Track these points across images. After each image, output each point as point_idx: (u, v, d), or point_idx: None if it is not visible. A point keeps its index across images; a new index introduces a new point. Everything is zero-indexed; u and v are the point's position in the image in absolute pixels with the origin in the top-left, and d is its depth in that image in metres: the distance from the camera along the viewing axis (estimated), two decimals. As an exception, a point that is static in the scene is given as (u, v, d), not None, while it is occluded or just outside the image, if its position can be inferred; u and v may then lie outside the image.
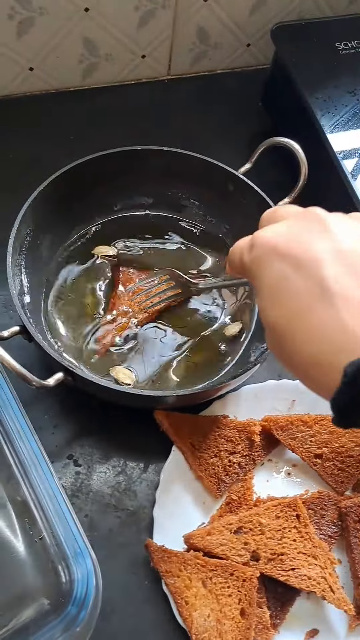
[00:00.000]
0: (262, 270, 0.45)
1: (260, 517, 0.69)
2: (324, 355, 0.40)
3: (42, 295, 0.80)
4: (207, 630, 0.63)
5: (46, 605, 0.63)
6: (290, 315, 0.43)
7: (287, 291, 0.43)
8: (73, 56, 0.97)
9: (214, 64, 1.07)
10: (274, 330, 0.45)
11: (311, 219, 0.45)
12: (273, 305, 0.44)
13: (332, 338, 0.40)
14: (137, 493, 0.74)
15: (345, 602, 0.66)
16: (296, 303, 0.42)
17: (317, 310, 0.41)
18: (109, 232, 0.87)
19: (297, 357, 0.43)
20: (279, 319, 0.44)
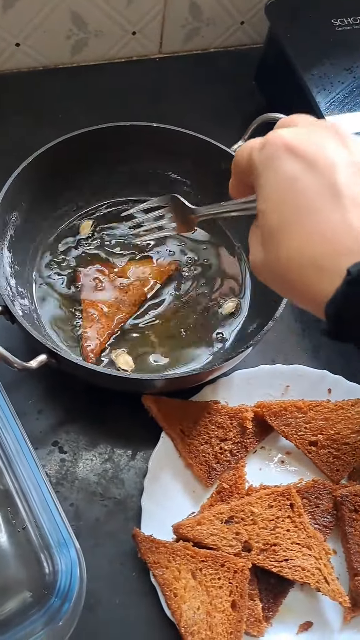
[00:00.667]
0: (271, 167, 0.44)
1: (252, 507, 0.67)
2: (326, 257, 0.40)
3: (28, 276, 0.77)
4: (197, 623, 0.61)
5: (28, 597, 0.61)
6: (295, 215, 0.42)
7: (296, 190, 0.42)
8: (61, 32, 0.94)
9: (206, 42, 1.03)
10: (273, 231, 0.43)
11: (332, 130, 0.44)
12: (278, 204, 0.43)
13: (337, 239, 0.39)
14: (124, 481, 0.71)
15: (340, 594, 0.64)
16: (304, 202, 0.41)
17: (325, 211, 0.40)
18: (97, 211, 0.84)
19: (295, 260, 0.42)
20: (282, 218, 0.43)
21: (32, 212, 0.76)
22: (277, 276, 0.45)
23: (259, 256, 0.47)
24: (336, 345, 0.81)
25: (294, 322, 0.83)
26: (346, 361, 0.80)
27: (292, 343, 0.81)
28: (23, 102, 0.96)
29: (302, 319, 0.83)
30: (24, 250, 0.77)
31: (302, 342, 0.81)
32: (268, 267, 0.45)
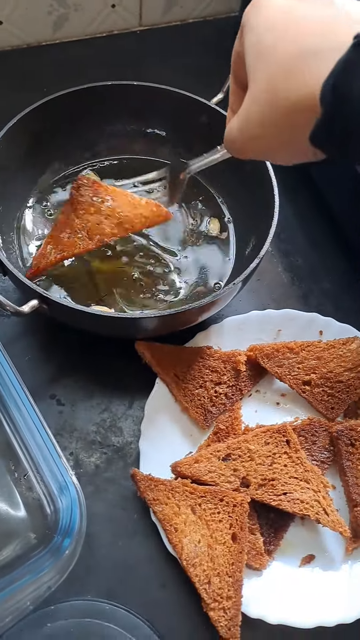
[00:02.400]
0: (261, 5, 0.43)
1: (249, 444, 0.67)
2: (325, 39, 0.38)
3: (15, 228, 0.79)
4: (198, 556, 0.62)
5: (33, 539, 0.62)
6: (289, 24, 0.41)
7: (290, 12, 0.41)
8: (42, 7, 0.96)
9: (185, 12, 1.05)
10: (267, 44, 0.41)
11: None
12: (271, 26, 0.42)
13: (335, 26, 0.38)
14: (122, 429, 0.72)
15: (340, 524, 0.65)
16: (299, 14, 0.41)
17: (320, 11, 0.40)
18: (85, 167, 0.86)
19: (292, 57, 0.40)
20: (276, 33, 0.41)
21: (19, 170, 0.78)
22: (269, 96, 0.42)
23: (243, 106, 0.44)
24: (325, 291, 0.82)
25: (284, 271, 0.84)
26: (336, 305, 0.81)
27: (282, 291, 0.82)
28: (8, 78, 0.97)
29: (291, 268, 0.84)
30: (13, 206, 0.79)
31: (292, 290, 0.82)
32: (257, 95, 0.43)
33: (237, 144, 0.47)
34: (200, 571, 0.61)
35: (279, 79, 0.41)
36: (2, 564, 0.60)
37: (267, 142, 0.45)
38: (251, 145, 0.46)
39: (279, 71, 0.40)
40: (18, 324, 0.76)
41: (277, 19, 0.42)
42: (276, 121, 0.42)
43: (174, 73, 0.95)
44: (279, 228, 0.70)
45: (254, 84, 0.43)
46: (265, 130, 0.44)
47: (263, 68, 0.42)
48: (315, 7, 0.41)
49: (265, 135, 0.44)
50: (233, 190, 0.82)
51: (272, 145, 0.45)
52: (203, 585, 0.60)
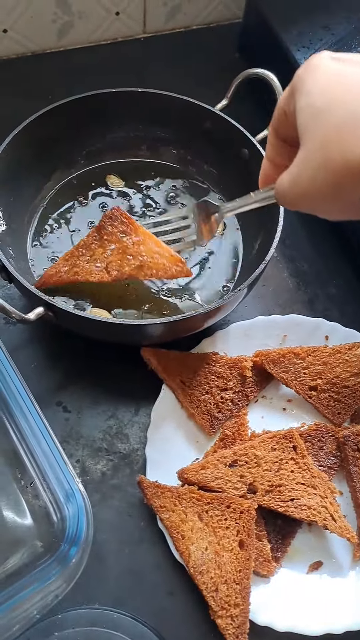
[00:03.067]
0: (316, 69, 0.45)
1: (255, 450, 0.67)
2: None
3: (26, 236, 0.79)
4: (206, 563, 0.61)
5: (39, 547, 0.61)
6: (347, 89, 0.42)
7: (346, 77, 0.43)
8: (46, 15, 0.96)
9: (189, 19, 1.05)
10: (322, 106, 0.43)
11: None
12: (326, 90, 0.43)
13: None
14: (129, 436, 0.72)
15: (348, 530, 0.64)
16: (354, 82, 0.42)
17: None
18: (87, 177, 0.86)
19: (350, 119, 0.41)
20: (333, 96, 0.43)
21: (26, 177, 0.78)
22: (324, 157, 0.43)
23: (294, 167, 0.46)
24: (331, 296, 0.82)
25: (290, 277, 0.84)
26: (341, 310, 0.80)
27: (288, 297, 0.82)
28: (14, 86, 0.97)
29: (296, 273, 0.84)
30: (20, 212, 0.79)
31: (298, 295, 0.82)
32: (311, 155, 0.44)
33: (288, 199, 0.48)
34: (207, 578, 0.61)
35: (332, 141, 0.42)
36: (8, 573, 0.60)
37: (319, 199, 0.46)
38: (303, 201, 0.47)
39: (333, 133, 0.42)
40: (24, 331, 0.77)
41: (330, 82, 0.43)
42: (329, 181, 0.43)
43: (178, 80, 0.95)
44: (284, 234, 0.70)
45: (307, 144, 0.44)
46: (317, 188, 0.45)
47: (316, 130, 0.43)
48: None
49: (318, 193, 0.45)
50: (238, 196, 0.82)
51: (324, 203, 0.46)
52: (210, 592, 0.60)
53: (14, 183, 0.75)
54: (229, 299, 0.66)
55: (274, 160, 0.54)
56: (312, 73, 0.45)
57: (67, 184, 0.84)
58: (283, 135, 0.52)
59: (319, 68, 0.45)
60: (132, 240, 0.70)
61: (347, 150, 0.41)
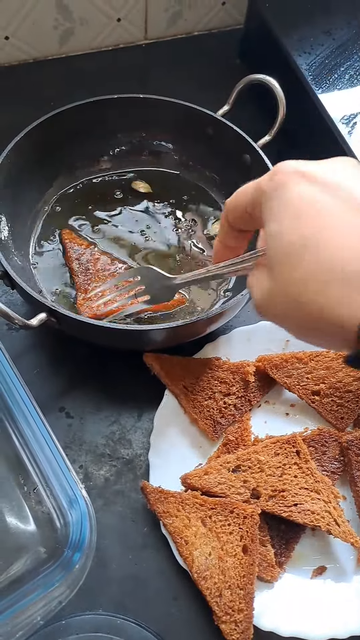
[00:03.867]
0: (285, 190, 0.42)
1: (258, 455, 0.67)
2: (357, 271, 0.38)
3: (29, 242, 0.79)
4: (209, 569, 0.61)
5: (43, 553, 0.61)
6: (319, 230, 0.40)
7: (317, 209, 0.40)
8: (48, 22, 0.96)
9: (190, 25, 1.06)
10: (290, 251, 0.41)
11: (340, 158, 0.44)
12: (297, 222, 0.41)
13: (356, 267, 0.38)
14: (132, 442, 0.72)
15: (352, 535, 0.64)
16: (327, 220, 0.40)
17: (350, 223, 0.39)
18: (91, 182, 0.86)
19: (315, 279, 0.39)
20: (302, 235, 0.40)
21: (28, 183, 0.79)
22: (290, 302, 0.42)
23: (265, 287, 0.44)
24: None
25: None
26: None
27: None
28: (16, 93, 0.98)
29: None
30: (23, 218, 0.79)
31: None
32: (278, 294, 0.43)
33: (257, 311, 0.47)
34: (211, 584, 0.61)
35: (312, 290, 0.40)
36: (12, 579, 0.60)
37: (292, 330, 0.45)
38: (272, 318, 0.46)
39: (314, 282, 0.40)
40: (27, 337, 0.77)
41: (308, 214, 0.41)
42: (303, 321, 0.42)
43: (179, 85, 0.96)
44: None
45: (280, 276, 0.42)
46: (291, 322, 0.44)
47: (295, 269, 0.41)
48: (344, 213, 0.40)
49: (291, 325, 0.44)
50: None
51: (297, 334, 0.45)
52: (214, 598, 0.60)
53: (16, 189, 0.76)
54: (232, 304, 0.66)
55: (226, 244, 0.54)
56: (280, 195, 0.43)
57: (69, 190, 0.84)
58: (240, 228, 0.51)
59: (287, 189, 0.42)
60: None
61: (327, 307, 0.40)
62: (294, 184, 0.42)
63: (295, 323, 0.43)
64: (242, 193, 0.48)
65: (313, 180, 0.42)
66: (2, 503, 0.64)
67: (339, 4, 0.88)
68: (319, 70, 0.82)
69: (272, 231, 0.43)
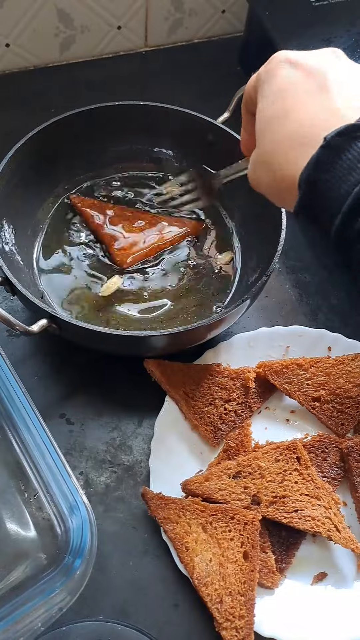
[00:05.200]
0: (273, 74, 0.50)
1: (259, 461, 0.67)
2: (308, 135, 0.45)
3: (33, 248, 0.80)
4: (210, 575, 0.61)
5: (43, 559, 0.62)
6: (287, 108, 0.48)
7: (293, 90, 0.48)
8: (49, 29, 0.97)
9: (190, 32, 1.06)
10: (267, 122, 0.49)
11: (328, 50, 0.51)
12: (274, 101, 0.49)
13: (321, 119, 0.45)
14: (132, 448, 0.72)
15: (352, 541, 0.64)
16: (297, 99, 0.47)
17: (316, 99, 0.47)
18: (92, 188, 0.86)
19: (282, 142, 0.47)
20: (276, 110, 0.48)
21: (29, 189, 0.79)
22: (267, 164, 0.49)
23: (253, 158, 0.52)
24: (333, 307, 0.82)
25: (292, 288, 0.84)
26: (344, 321, 0.81)
27: (290, 308, 0.82)
28: (16, 100, 0.98)
29: (298, 285, 0.84)
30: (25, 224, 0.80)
31: (300, 306, 0.82)
32: (260, 159, 0.50)
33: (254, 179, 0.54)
34: (212, 590, 0.61)
35: (277, 152, 0.48)
36: (12, 585, 0.60)
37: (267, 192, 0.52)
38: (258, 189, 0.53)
39: (279, 145, 0.48)
40: (27, 343, 0.77)
41: (281, 92, 0.49)
42: (272, 184, 0.50)
43: (180, 93, 0.96)
44: (286, 245, 0.71)
45: (258, 147, 0.51)
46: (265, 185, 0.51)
47: (264, 137, 0.49)
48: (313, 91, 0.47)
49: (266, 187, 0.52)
50: (240, 207, 0.83)
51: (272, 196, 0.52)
52: (215, 604, 0.60)
53: (18, 196, 0.76)
54: (232, 311, 0.66)
55: (248, 129, 0.60)
56: (270, 78, 0.50)
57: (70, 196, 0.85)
58: (252, 111, 0.56)
59: (275, 73, 0.50)
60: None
61: (284, 166, 0.47)
62: (281, 69, 0.50)
63: (268, 184, 0.51)
64: (249, 81, 0.55)
65: (297, 66, 0.49)
66: (2, 509, 0.64)
67: (338, 13, 0.89)
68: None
69: (260, 107, 0.51)
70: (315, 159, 0.44)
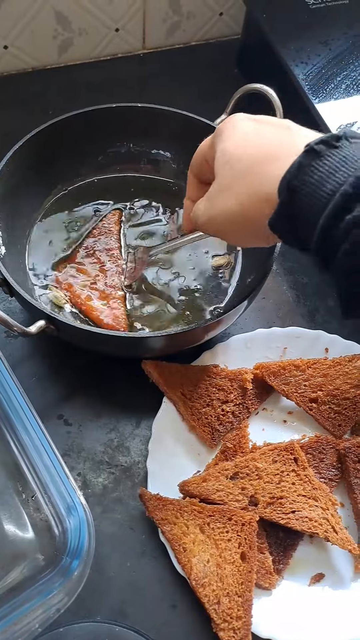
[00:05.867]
0: (233, 126, 0.54)
1: (256, 462, 0.67)
2: (283, 152, 0.48)
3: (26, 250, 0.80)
4: (207, 576, 0.61)
5: (41, 560, 0.62)
6: (256, 135, 0.52)
7: (258, 127, 0.53)
8: (47, 32, 0.97)
9: (188, 35, 1.07)
10: (236, 148, 0.52)
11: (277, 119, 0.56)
12: (242, 134, 0.53)
13: (289, 142, 0.49)
14: (130, 449, 0.72)
15: (350, 542, 0.64)
16: (265, 131, 0.52)
17: (282, 132, 0.51)
18: (87, 191, 0.86)
19: (258, 159, 0.50)
20: (244, 139, 0.52)
21: (26, 191, 0.79)
22: (233, 189, 0.52)
23: (211, 191, 0.55)
24: (330, 308, 0.82)
25: (289, 289, 0.84)
26: (341, 322, 0.81)
27: (288, 309, 0.82)
28: (14, 102, 0.98)
29: (296, 286, 0.85)
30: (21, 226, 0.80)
31: (297, 308, 0.83)
32: (223, 187, 0.53)
33: (202, 220, 0.57)
34: (209, 591, 0.61)
35: (244, 178, 0.51)
36: (10, 587, 0.60)
37: (227, 222, 0.54)
38: (214, 222, 0.55)
39: (244, 172, 0.51)
40: (25, 344, 0.77)
41: (247, 135, 0.53)
42: (236, 207, 0.52)
43: (178, 95, 0.97)
44: (283, 246, 0.70)
45: (220, 179, 0.54)
46: (227, 211, 0.53)
47: (229, 169, 0.52)
48: (275, 129, 0.52)
49: (227, 215, 0.53)
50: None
51: (232, 225, 0.54)
52: (212, 605, 0.60)
53: (14, 197, 0.76)
54: (229, 312, 0.66)
55: (193, 198, 0.62)
56: (231, 129, 0.54)
57: (68, 198, 0.85)
58: (202, 178, 0.61)
59: (236, 125, 0.54)
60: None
61: (256, 184, 0.50)
62: (242, 124, 0.54)
63: (231, 213, 0.53)
64: (202, 144, 0.60)
65: (259, 121, 0.54)
66: (0, 511, 0.64)
67: (335, 15, 0.89)
68: (316, 80, 0.82)
69: (220, 150, 0.54)
70: (297, 162, 0.45)
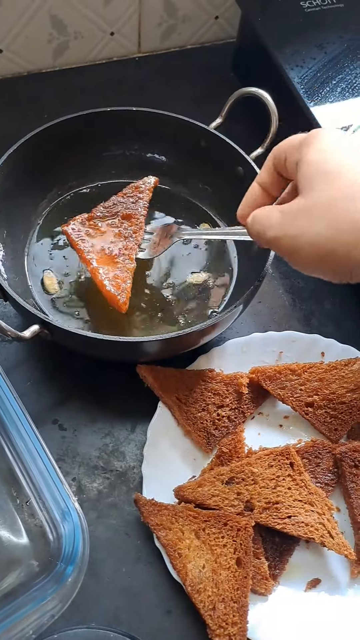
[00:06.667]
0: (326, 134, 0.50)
1: (252, 467, 0.67)
2: None
3: (23, 254, 0.80)
4: (203, 581, 0.61)
5: (35, 566, 0.61)
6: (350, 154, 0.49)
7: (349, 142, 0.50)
8: (42, 36, 0.97)
9: (183, 38, 1.07)
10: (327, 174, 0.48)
11: None
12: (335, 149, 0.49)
13: None
14: (125, 454, 0.72)
15: (346, 547, 0.64)
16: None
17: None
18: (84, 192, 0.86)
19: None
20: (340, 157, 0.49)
21: (21, 195, 0.79)
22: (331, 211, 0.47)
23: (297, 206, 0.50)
24: (327, 312, 0.82)
25: (285, 293, 0.84)
26: (337, 326, 0.81)
27: (283, 313, 0.82)
28: (8, 106, 0.98)
29: (292, 290, 0.84)
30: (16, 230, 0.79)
31: (293, 311, 0.82)
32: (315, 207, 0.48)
33: (270, 234, 0.51)
34: (205, 597, 0.60)
35: (340, 200, 0.47)
36: (4, 592, 0.60)
37: (305, 246, 0.49)
38: (285, 245, 0.51)
39: (345, 196, 0.47)
40: (20, 349, 0.77)
41: (339, 146, 0.49)
42: (327, 234, 0.47)
43: (173, 99, 0.96)
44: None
45: (312, 195, 0.48)
46: (310, 236, 0.48)
47: (326, 189, 0.48)
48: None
49: (308, 240, 0.48)
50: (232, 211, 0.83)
51: (311, 256, 0.49)
52: (208, 611, 0.60)
53: (9, 201, 0.76)
54: (225, 316, 0.66)
55: (265, 185, 0.58)
56: (325, 135, 0.50)
57: (63, 202, 0.84)
58: (279, 171, 0.56)
59: (329, 132, 0.51)
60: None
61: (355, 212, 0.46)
62: (335, 133, 0.51)
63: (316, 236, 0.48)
64: (291, 138, 0.54)
65: (343, 135, 0.51)
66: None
67: (330, 19, 0.89)
68: (311, 83, 0.82)
69: (311, 158, 0.49)
70: None
